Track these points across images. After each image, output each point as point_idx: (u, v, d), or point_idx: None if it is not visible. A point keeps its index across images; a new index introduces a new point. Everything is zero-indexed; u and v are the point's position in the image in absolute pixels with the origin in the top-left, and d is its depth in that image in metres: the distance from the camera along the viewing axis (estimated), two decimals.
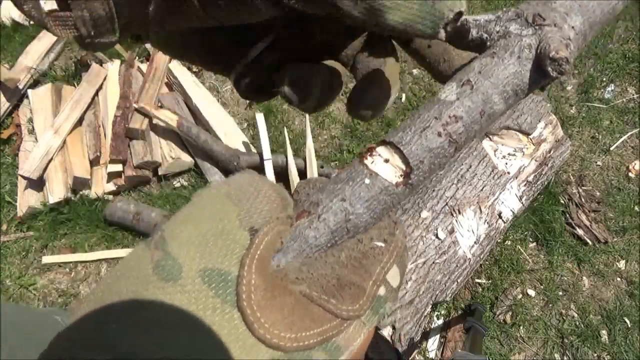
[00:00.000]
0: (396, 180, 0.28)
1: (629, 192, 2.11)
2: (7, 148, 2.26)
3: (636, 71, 2.39)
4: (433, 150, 0.28)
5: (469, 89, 0.28)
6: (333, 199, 0.29)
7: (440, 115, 0.28)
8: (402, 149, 0.28)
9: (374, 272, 0.26)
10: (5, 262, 1.98)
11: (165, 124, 2.03)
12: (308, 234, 0.28)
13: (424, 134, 0.28)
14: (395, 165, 0.29)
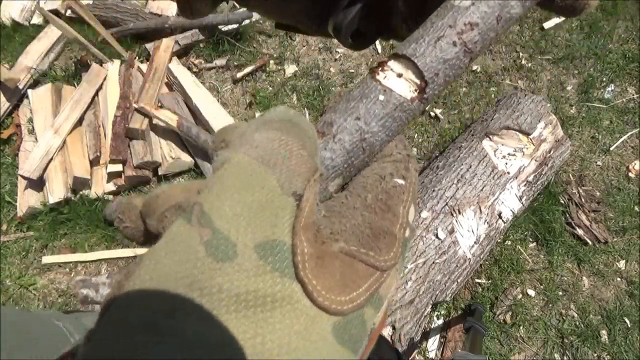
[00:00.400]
0: (411, 95, 0.27)
1: (629, 192, 2.11)
2: (7, 148, 2.26)
3: (636, 71, 2.39)
4: (448, 62, 0.27)
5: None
6: (347, 117, 0.28)
7: (455, 23, 0.27)
8: (417, 62, 0.27)
9: (399, 214, 0.25)
10: (5, 262, 1.98)
11: (165, 124, 2.03)
12: (324, 155, 0.28)
13: (438, 44, 0.26)
14: (409, 80, 0.27)
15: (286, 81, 2.42)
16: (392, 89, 0.27)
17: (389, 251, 0.24)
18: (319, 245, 0.21)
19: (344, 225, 0.23)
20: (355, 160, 0.28)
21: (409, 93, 0.27)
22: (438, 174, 1.78)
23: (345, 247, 0.22)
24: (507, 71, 2.45)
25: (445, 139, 2.23)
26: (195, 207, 0.20)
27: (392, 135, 0.28)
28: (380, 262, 0.23)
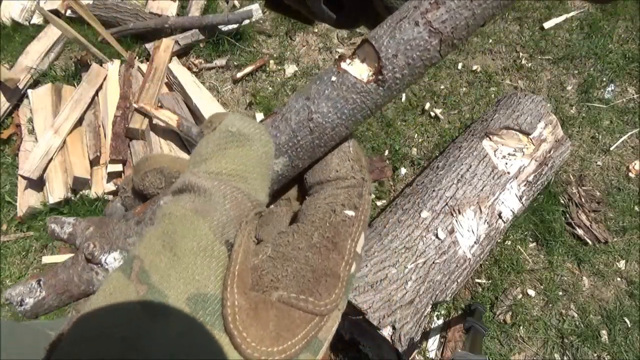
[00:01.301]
0: (367, 77, 0.26)
1: (629, 192, 2.11)
2: (7, 148, 2.26)
3: (636, 71, 2.39)
4: (409, 42, 0.25)
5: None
6: (298, 98, 0.27)
7: (420, 3, 0.25)
8: (374, 44, 0.25)
9: (345, 251, 0.25)
10: (5, 262, 1.98)
11: (165, 124, 2.03)
12: (270, 132, 0.28)
13: (399, 24, 0.25)
14: (369, 63, 0.26)
15: (286, 81, 2.42)
16: (347, 71, 0.26)
17: (330, 294, 0.24)
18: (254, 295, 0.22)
19: (286, 270, 0.23)
20: (302, 140, 0.27)
21: (366, 75, 0.26)
22: (438, 174, 1.78)
23: (284, 295, 0.22)
24: (507, 71, 2.45)
25: (445, 139, 2.23)
26: (135, 263, 0.22)
27: (347, 118, 0.27)
28: (319, 307, 0.23)
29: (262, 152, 0.26)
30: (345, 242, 0.26)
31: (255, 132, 0.26)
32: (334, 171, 0.28)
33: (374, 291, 1.46)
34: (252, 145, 0.25)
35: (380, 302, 1.44)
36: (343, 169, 0.28)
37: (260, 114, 2.09)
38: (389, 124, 2.29)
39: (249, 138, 0.25)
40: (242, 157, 0.25)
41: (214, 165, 0.24)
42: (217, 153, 0.25)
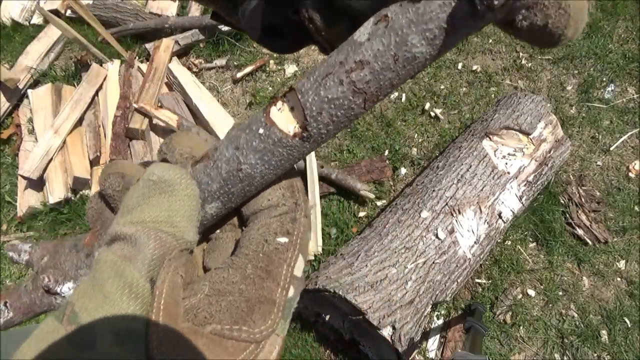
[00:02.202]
0: (293, 131, 0.26)
1: (629, 192, 2.11)
2: (7, 148, 2.26)
3: (636, 71, 2.39)
4: (333, 101, 0.24)
5: (383, 27, 0.23)
6: (228, 146, 0.28)
7: (345, 59, 0.24)
8: (300, 98, 0.25)
9: (281, 278, 0.27)
10: (5, 262, 1.98)
11: (165, 124, 2.03)
12: (202, 179, 0.29)
13: (324, 81, 0.24)
14: (296, 116, 0.26)
15: (286, 81, 2.42)
16: (275, 123, 0.26)
17: (265, 321, 0.25)
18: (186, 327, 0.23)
19: (220, 305, 0.25)
20: (233, 188, 0.28)
21: (292, 129, 0.26)
22: (438, 174, 1.78)
23: (216, 328, 0.24)
24: (507, 71, 2.45)
25: (445, 139, 2.23)
26: (68, 307, 0.23)
27: (275, 169, 0.27)
28: (253, 334, 0.24)
29: (184, 195, 0.27)
30: (280, 268, 0.27)
31: (176, 178, 0.27)
32: (265, 200, 0.29)
33: (374, 291, 1.46)
34: (174, 191, 0.27)
35: (380, 302, 1.44)
36: (274, 198, 0.29)
37: None
38: (389, 124, 2.29)
39: (170, 184, 0.27)
40: (165, 203, 0.26)
41: (139, 214, 0.26)
42: (141, 202, 0.26)
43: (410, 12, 0.22)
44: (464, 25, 0.22)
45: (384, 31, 0.23)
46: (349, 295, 1.42)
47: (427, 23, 0.22)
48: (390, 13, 0.23)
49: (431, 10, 0.22)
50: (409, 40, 0.22)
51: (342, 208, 2.05)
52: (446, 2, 0.22)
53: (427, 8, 0.22)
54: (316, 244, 1.95)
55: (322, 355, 1.78)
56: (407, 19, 0.22)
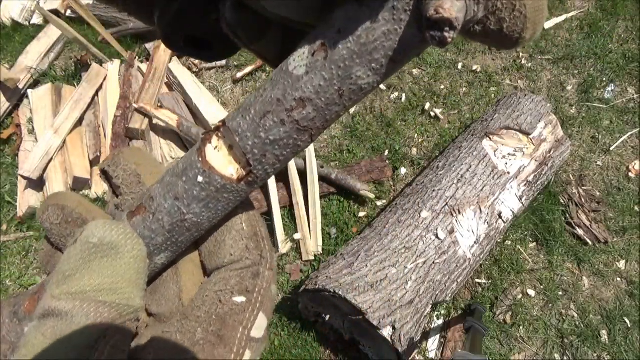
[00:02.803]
0: (237, 174, 0.23)
1: (629, 192, 2.11)
2: (7, 148, 2.26)
3: (636, 71, 2.39)
4: (277, 142, 0.22)
5: (322, 58, 0.20)
6: (166, 196, 0.25)
7: (284, 96, 0.21)
8: (239, 142, 0.22)
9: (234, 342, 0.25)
10: (5, 262, 1.98)
11: (165, 124, 2.03)
12: (143, 233, 0.26)
13: (263, 122, 0.22)
14: (236, 158, 0.23)
15: None
16: (214, 168, 0.23)
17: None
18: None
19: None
20: (180, 237, 0.26)
21: (234, 173, 0.23)
22: (438, 174, 1.78)
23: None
24: (507, 71, 2.45)
25: (445, 139, 2.23)
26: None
27: (222, 212, 0.25)
28: None
29: (130, 257, 0.24)
30: (235, 332, 0.25)
31: (120, 238, 0.24)
32: (227, 255, 0.27)
33: (374, 291, 1.46)
34: (119, 253, 0.24)
35: (380, 302, 1.44)
36: (237, 251, 0.27)
37: None
38: (389, 124, 2.29)
39: (113, 246, 0.24)
40: (108, 268, 0.23)
41: (77, 284, 0.23)
42: (80, 269, 0.23)
43: (351, 42, 0.19)
44: (413, 51, 0.20)
45: (323, 64, 0.20)
46: (349, 295, 1.42)
47: (372, 53, 0.19)
48: (327, 41, 0.20)
49: (375, 39, 0.19)
50: (354, 73, 0.20)
51: (342, 208, 2.05)
52: (391, 30, 0.19)
53: (369, 37, 0.19)
54: (316, 244, 1.95)
55: (322, 355, 1.78)
56: (348, 50, 0.19)
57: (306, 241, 1.95)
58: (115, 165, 0.30)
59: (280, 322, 1.83)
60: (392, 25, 0.19)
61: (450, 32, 0.17)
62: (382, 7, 0.19)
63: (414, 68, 2.48)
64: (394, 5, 0.18)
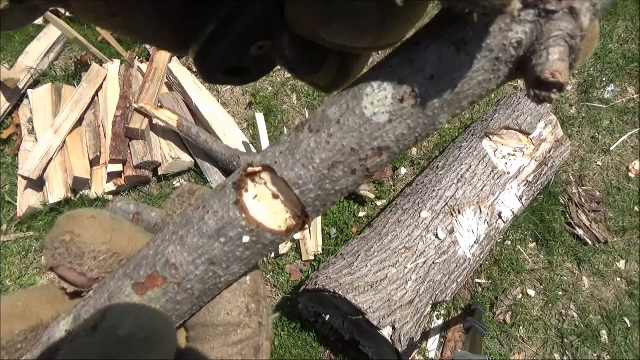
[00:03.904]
0: (287, 225, 0.21)
1: (629, 192, 2.11)
2: (7, 148, 2.26)
3: (636, 71, 2.39)
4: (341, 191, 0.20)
5: (411, 106, 0.18)
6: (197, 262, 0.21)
7: (360, 146, 0.19)
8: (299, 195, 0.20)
9: None
10: (5, 262, 1.98)
11: (165, 124, 2.03)
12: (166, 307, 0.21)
13: (332, 173, 0.19)
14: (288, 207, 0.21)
15: (286, 81, 2.42)
16: (263, 225, 0.20)
17: None
18: None
19: None
20: (207, 299, 0.22)
21: (284, 224, 0.21)
22: (438, 174, 1.78)
23: None
24: None
25: (445, 139, 2.23)
26: None
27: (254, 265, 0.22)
28: None
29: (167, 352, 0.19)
30: None
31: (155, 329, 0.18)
32: (223, 312, 0.22)
33: (374, 291, 1.46)
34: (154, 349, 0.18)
35: (380, 302, 1.44)
36: (235, 311, 0.22)
37: (261, 114, 2.09)
38: None
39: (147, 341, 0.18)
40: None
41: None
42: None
43: (447, 91, 0.18)
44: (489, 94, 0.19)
45: (411, 112, 0.19)
46: (349, 295, 1.42)
47: (462, 101, 0.19)
48: (417, 88, 0.18)
49: (470, 88, 0.18)
50: (439, 120, 0.19)
51: (342, 208, 2.05)
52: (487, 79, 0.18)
53: (465, 86, 0.18)
54: (316, 244, 1.95)
55: (322, 355, 1.78)
56: (441, 100, 0.18)
57: (306, 241, 1.95)
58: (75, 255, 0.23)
59: (280, 322, 1.83)
60: (489, 75, 0.18)
61: (557, 95, 0.17)
62: (486, 58, 0.17)
63: None
64: (498, 57, 0.17)
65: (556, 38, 0.17)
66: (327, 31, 0.19)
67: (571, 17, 0.17)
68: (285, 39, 0.22)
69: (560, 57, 0.16)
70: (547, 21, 0.17)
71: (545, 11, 0.17)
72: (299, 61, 0.22)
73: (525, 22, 0.17)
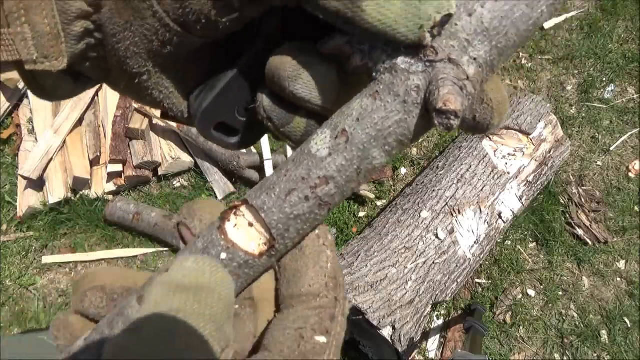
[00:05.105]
0: (259, 249, 0.25)
1: (629, 192, 2.11)
2: (7, 148, 2.26)
3: (636, 71, 2.39)
4: (300, 217, 0.25)
5: (344, 142, 0.24)
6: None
7: (308, 175, 0.24)
8: (264, 217, 0.24)
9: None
10: (5, 262, 1.98)
11: (165, 124, 2.03)
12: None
13: (289, 198, 0.24)
14: (259, 231, 0.25)
15: None
16: (238, 245, 0.25)
17: None
18: None
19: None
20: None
21: (257, 247, 0.25)
22: (438, 174, 1.78)
23: None
24: (507, 71, 2.45)
25: (445, 139, 2.23)
26: None
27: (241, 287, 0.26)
28: None
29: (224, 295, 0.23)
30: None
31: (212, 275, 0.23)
32: (306, 285, 0.27)
33: (374, 291, 1.46)
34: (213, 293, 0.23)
35: (380, 302, 1.44)
36: (316, 285, 0.27)
37: None
38: None
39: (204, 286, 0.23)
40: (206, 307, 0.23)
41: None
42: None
43: (370, 128, 0.24)
44: (419, 135, 0.24)
45: (345, 146, 0.24)
46: (349, 295, 1.42)
47: (387, 138, 0.24)
48: (347, 127, 0.24)
49: (389, 126, 0.24)
50: (371, 154, 0.24)
51: (342, 208, 2.05)
52: (402, 118, 0.23)
53: (384, 124, 0.24)
54: None
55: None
56: (367, 135, 0.24)
57: None
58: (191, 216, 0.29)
59: None
60: (403, 115, 0.23)
61: (455, 120, 0.22)
62: (395, 101, 0.23)
63: None
64: (404, 100, 0.23)
65: (443, 80, 0.22)
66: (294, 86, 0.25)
67: (452, 65, 0.23)
68: (265, 91, 0.27)
69: (449, 91, 0.22)
70: (433, 69, 0.23)
71: (429, 61, 0.23)
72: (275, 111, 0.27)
73: (418, 72, 0.23)
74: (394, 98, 0.23)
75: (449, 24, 0.23)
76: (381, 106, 0.23)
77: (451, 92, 0.22)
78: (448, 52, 0.23)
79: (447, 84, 0.22)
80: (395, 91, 0.23)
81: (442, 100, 0.21)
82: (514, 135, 1.84)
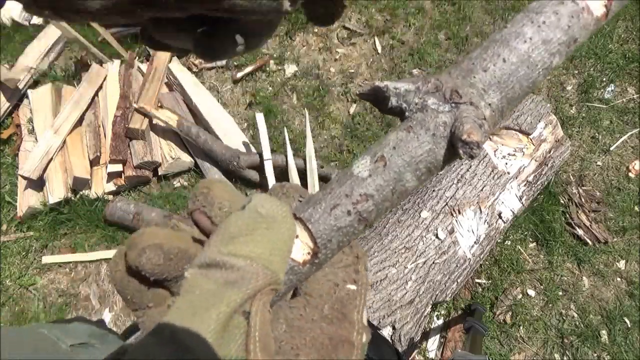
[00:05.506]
0: (303, 258, 0.28)
1: (629, 192, 2.11)
2: (7, 148, 2.26)
3: (636, 71, 2.39)
4: (342, 229, 0.28)
5: (382, 166, 0.28)
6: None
7: (351, 192, 0.28)
8: (311, 228, 0.28)
9: (354, 321, 0.28)
10: (5, 262, 1.98)
11: (165, 124, 2.03)
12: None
13: (333, 212, 0.28)
14: (304, 242, 0.28)
15: (286, 81, 2.42)
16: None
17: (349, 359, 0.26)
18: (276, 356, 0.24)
19: (304, 339, 0.26)
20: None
21: (302, 256, 0.28)
22: (438, 174, 1.78)
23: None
24: None
25: None
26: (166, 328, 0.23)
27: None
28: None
29: (286, 234, 0.27)
30: (353, 313, 0.28)
31: (282, 214, 0.27)
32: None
33: (374, 291, 1.46)
34: (280, 229, 0.27)
35: (380, 302, 1.44)
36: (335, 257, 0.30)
37: (261, 114, 2.09)
38: (389, 124, 2.29)
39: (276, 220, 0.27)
40: (269, 241, 0.26)
41: (243, 247, 0.26)
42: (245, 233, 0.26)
43: (404, 155, 0.28)
44: (445, 163, 0.29)
45: (383, 170, 0.28)
46: None
47: (418, 164, 0.28)
48: (385, 154, 0.28)
49: (420, 154, 0.28)
50: (404, 177, 0.28)
51: None
52: (432, 148, 0.28)
53: (417, 152, 0.28)
54: None
55: None
56: (402, 160, 0.28)
57: None
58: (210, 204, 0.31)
59: None
60: (432, 145, 0.28)
61: (477, 150, 0.26)
62: (426, 134, 0.28)
63: (414, 68, 2.48)
64: (434, 133, 0.28)
65: (467, 117, 0.27)
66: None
67: (473, 107, 0.28)
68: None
69: (471, 126, 0.26)
70: (458, 109, 0.28)
71: (455, 103, 0.28)
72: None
73: (445, 112, 0.28)
74: (425, 131, 0.28)
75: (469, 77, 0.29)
76: (414, 137, 0.28)
77: (473, 127, 0.26)
78: (469, 97, 0.28)
79: (470, 121, 0.27)
80: (426, 126, 0.28)
81: (467, 132, 0.26)
82: (514, 135, 1.84)
